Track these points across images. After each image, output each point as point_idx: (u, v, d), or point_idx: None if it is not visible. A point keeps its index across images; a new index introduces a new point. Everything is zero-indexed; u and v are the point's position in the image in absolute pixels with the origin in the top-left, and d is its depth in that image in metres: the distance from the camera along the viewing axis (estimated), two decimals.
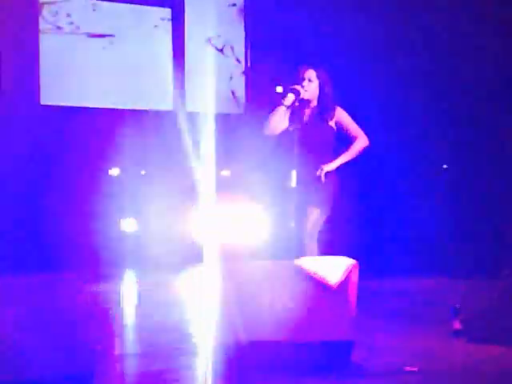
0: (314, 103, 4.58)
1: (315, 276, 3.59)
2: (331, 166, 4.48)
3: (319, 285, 3.57)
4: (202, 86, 7.88)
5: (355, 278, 3.67)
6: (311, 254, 4.36)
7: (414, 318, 4.71)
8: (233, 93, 8.11)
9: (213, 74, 7.87)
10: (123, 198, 7.33)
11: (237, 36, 8.15)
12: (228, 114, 7.99)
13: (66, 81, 7.39)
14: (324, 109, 4.55)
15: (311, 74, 4.56)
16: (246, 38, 8.17)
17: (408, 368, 3.43)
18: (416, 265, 6.79)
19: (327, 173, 4.47)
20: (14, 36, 7.21)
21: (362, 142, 4.58)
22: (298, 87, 4.51)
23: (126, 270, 7.02)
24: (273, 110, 4.55)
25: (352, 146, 4.57)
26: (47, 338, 2.98)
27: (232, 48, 8.11)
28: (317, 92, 4.56)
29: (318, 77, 4.56)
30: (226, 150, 7.17)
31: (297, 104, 4.52)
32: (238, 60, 8.13)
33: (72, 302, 3.08)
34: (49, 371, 2.93)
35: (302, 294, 3.55)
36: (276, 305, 3.52)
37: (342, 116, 4.55)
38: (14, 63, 7.20)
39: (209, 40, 8.02)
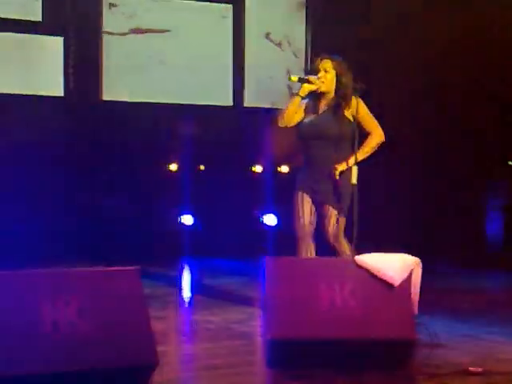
0: (331, 95, 4.39)
1: (377, 273, 3.55)
2: (344, 166, 4.27)
3: (381, 282, 3.52)
4: (260, 82, 7.89)
5: (418, 276, 3.60)
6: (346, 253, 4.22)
7: (477, 317, 4.61)
8: (290, 88, 8.08)
9: (270, 69, 7.86)
10: (182, 192, 7.39)
11: (295, 30, 8.11)
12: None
13: (127, 76, 7.49)
14: (341, 100, 4.33)
15: (327, 64, 4.37)
16: (305, 32, 8.12)
17: (472, 369, 3.35)
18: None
19: (345, 170, 4.28)
20: (77, 33, 7.35)
21: (376, 137, 4.34)
22: (313, 78, 4.31)
23: (186, 263, 7.09)
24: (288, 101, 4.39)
25: (366, 143, 4.33)
26: (109, 329, 3.01)
27: (289, 42, 8.08)
28: (333, 83, 4.36)
29: (335, 67, 4.36)
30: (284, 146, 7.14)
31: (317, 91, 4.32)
32: (295, 54, 8.09)
33: (135, 293, 3.10)
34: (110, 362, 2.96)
35: (362, 291, 3.50)
36: (336, 302, 3.48)
37: (358, 106, 4.28)
38: (77, 60, 7.34)
39: (267, 35, 8.00)
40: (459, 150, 7.47)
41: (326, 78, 4.35)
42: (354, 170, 4.29)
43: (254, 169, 7.85)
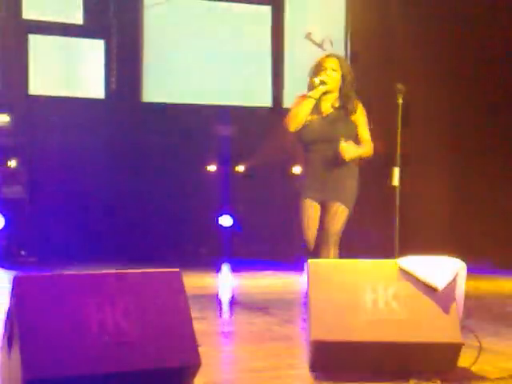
0: (336, 95, 4.23)
1: (420, 277, 3.50)
2: (352, 149, 4.08)
3: (424, 286, 3.48)
4: (301, 82, 7.85)
5: (463, 280, 3.55)
6: (334, 257, 4.09)
7: None
8: None
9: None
10: (221, 193, 7.42)
11: (336, 29, 8.08)
12: None
13: (167, 78, 7.55)
14: (346, 102, 4.19)
15: (334, 63, 4.21)
16: (345, 31, 8.08)
17: None
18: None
19: (351, 168, 4.20)
20: (119, 36, 7.43)
21: (366, 150, 4.20)
22: (326, 79, 4.13)
23: (225, 264, 7.11)
24: (297, 103, 4.15)
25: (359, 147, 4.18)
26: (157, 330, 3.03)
27: (331, 42, 8.04)
28: (339, 83, 4.20)
29: (341, 67, 4.21)
30: None
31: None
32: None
33: (178, 294, 3.12)
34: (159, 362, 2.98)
35: (406, 294, 3.46)
36: (379, 305, 3.44)
37: (360, 114, 4.20)
38: (118, 62, 7.42)
39: (308, 35, 7.98)
40: (498, 150, 7.36)
41: (334, 78, 4.20)
42: (396, 171, 4.24)
43: (292, 170, 7.83)
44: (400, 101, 4.32)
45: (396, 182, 4.22)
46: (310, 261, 3.52)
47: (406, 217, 4.12)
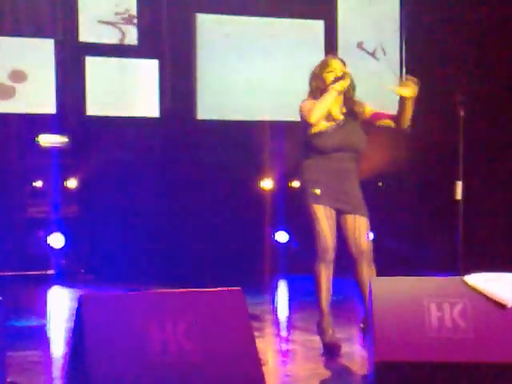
0: (341, 98, 4.02)
1: (487, 293, 3.41)
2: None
3: (492, 303, 3.38)
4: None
5: None
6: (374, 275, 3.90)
7: None
8: (387, 98, 7.95)
9: (364, 80, 7.75)
10: (276, 209, 7.39)
11: (388, 38, 7.99)
12: None
13: (220, 95, 7.58)
14: (352, 105, 4.03)
15: (340, 65, 4.02)
16: (400, 39, 7.99)
17: None
18: None
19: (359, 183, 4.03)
20: (172, 56, 7.51)
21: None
22: (347, 73, 3.93)
23: (282, 281, 7.06)
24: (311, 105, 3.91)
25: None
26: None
27: (384, 51, 7.96)
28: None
29: (345, 68, 4.01)
30: (381, 160, 7.03)
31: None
32: (390, 63, 7.97)
33: (240, 313, 3.10)
34: None
35: (473, 312, 3.37)
36: (445, 323, 3.36)
37: (369, 108, 4.06)
38: (172, 81, 7.50)
39: (359, 44, 7.93)
40: None
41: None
42: (458, 185, 4.16)
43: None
44: (461, 113, 4.22)
45: (459, 196, 4.12)
46: (373, 278, 3.47)
47: (470, 232, 4.01)
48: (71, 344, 2.97)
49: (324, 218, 3.96)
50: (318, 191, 3.96)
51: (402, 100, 4.02)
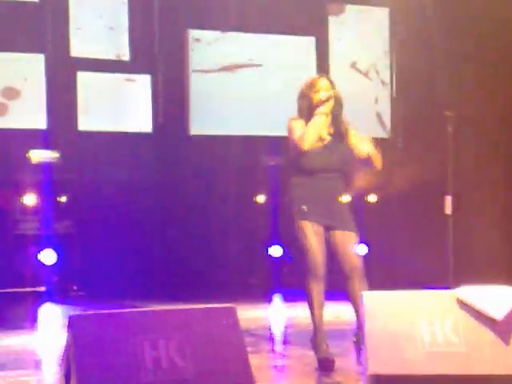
0: (329, 118, 4.02)
1: (477, 307, 3.42)
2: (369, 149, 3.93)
3: (483, 317, 3.39)
4: (347, 111, 7.83)
5: None
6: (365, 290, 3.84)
7: None
8: (379, 115, 8.01)
9: (358, 99, 7.81)
10: (270, 223, 7.40)
11: (382, 58, 8.05)
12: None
13: (213, 110, 7.61)
14: (338, 125, 4.02)
15: (327, 84, 4.02)
16: (390, 60, 8.06)
17: None
18: None
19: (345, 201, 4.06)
20: (165, 70, 7.53)
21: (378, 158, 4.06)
22: (331, 94, 3.93)
23: (276, 293, 7.05)
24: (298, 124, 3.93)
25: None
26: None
27: (377, 71, 8.02)
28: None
29: (333, 88, 3.99)
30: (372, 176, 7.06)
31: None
32: (383, 82, 8.03)
33: (233, 330, 3.10)
34: None
35: (464, 326, 3.38)
36: (437, 337, 3.36)
37: (352, 136, 4.04)
38: (165, 96, 7.51)
39: (353, 64, 7.97)
40: None
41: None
42: (448, 199, 4.18)
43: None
44: (450, 128, 4.26)
45: (449, 210, 4.14)
46: (365, 293, 3.47)
47: (460, 246, 4.03)
48: (62, 364, 2.95)
49: (312, 234, 3.98)
50: (305, 208, 3.98)
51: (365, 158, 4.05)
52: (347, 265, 4.03)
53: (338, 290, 4.26)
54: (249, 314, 5.73)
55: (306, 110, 4.04)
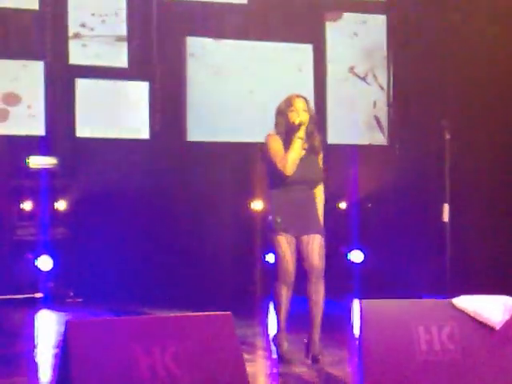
0: (304, 138, 4.35)
1: (475, 316, 3.42)
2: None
3: (481, 325, 3.39)
4: (342, 118, 7.86)
5: None
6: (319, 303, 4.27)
7: None
8: (377, 120, 8.01)
9: (356, 104, 7.82)
10: (263, 232, 7.39)
11: (380, 63, 8.06)
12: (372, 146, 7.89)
13: (210, 117, 7.61)
14: (312, 140, 4.37)
15: (304, 104, 4.35)
16: (387, 65, 8.07)
17: None
18: None
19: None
20: (162, 77, 7.55)
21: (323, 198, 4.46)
22: (304, 119, 4.27)
23: (271, 301, 7.02)
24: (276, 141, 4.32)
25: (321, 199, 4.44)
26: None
27: (374, 75, 8.03)
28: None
29: (308, 107, 4.36)
30: (370, 182, 7.07)
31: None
32: (381, 87, 8.04)
33: (229, 338, 3.09)
34: None
35: (461, 334, 3.38)
36: (434, 346, 3.36)
37: (321, 156, 4.44)
38: (162, 103, 7.52)
39: (351, 69, 7.99)
40: None
41: (306, 117, 4.33)
42: (446, 207, 4.19)
43: (339, 205, 7.76)
44: (447, 136, 4.28)
45: (446, 218, 4.15)
46: (362, 301, 3.48)
47: (458, 254, 4.03)
48: (58, 371, 2.95)
49: (285, 243, 4.30)
50: (279, 220, 4.29)
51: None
52: (307, 264, 4.35)
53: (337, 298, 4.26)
54: (245, 322, 5.71)
55: (283, 126, 4.38)
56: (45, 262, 6.95)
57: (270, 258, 7.62)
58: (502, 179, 7.13)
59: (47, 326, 6.13)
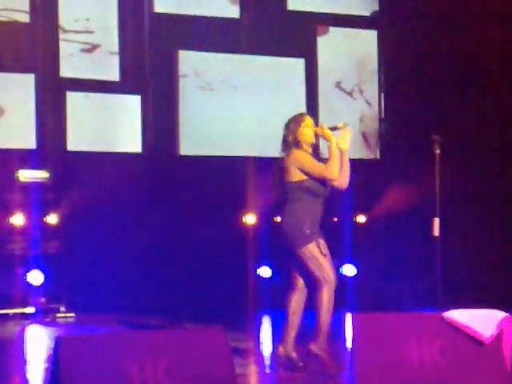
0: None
1: (466, 329, 3.43)
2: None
3: (470, 339, 3.40)
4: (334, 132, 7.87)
5: (510, 332, 3.46)
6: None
7: None
8: (364, 135, 8.05)
9: (343, 119, 7.84)
10: (259, 244, 7.39)
11: (366, 78, 8.11)
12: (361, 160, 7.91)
13: (203, 131, 7.63)
14: (320, 157, 4.47)
15: (312, 121, 4.49)
16: (378, 80, 8.12)
17: None
18: None
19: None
20: (154, 91, 7.56)
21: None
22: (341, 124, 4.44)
23: (265, 316, 7.03)
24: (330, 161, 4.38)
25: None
26: None
27: (360, 90, 8.08)
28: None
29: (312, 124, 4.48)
30: (361, 196, 7.09)
31: None
32: (368, 102, 8.08)
33: (222, 352, 3.09)
34: None
35: (452, 348, 3.39)
36: (425, 360, 3.37)
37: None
38: (154, 117, 7.54)
39: (337, 84, 8.03)
40: None
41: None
42: (436, 221, 4.21)
43: (334, 219, 7.76)
44: (437, 151, 4.31)
45: (437, 232, 4.17)
46: (355, 315, 3.50)
47: (448, 268, 4.05)
48: None
49: (326, 252, 4.42)
50: (307, 231, 4.39)
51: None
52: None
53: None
54: (238, 335, 5.69)
55: (292, 144, 4.47)
56: (35, 277, 6.91)
57: (263, 271, 7.63)
58: (493, 194, 7.17)
59: (38, 341, 6.09)
